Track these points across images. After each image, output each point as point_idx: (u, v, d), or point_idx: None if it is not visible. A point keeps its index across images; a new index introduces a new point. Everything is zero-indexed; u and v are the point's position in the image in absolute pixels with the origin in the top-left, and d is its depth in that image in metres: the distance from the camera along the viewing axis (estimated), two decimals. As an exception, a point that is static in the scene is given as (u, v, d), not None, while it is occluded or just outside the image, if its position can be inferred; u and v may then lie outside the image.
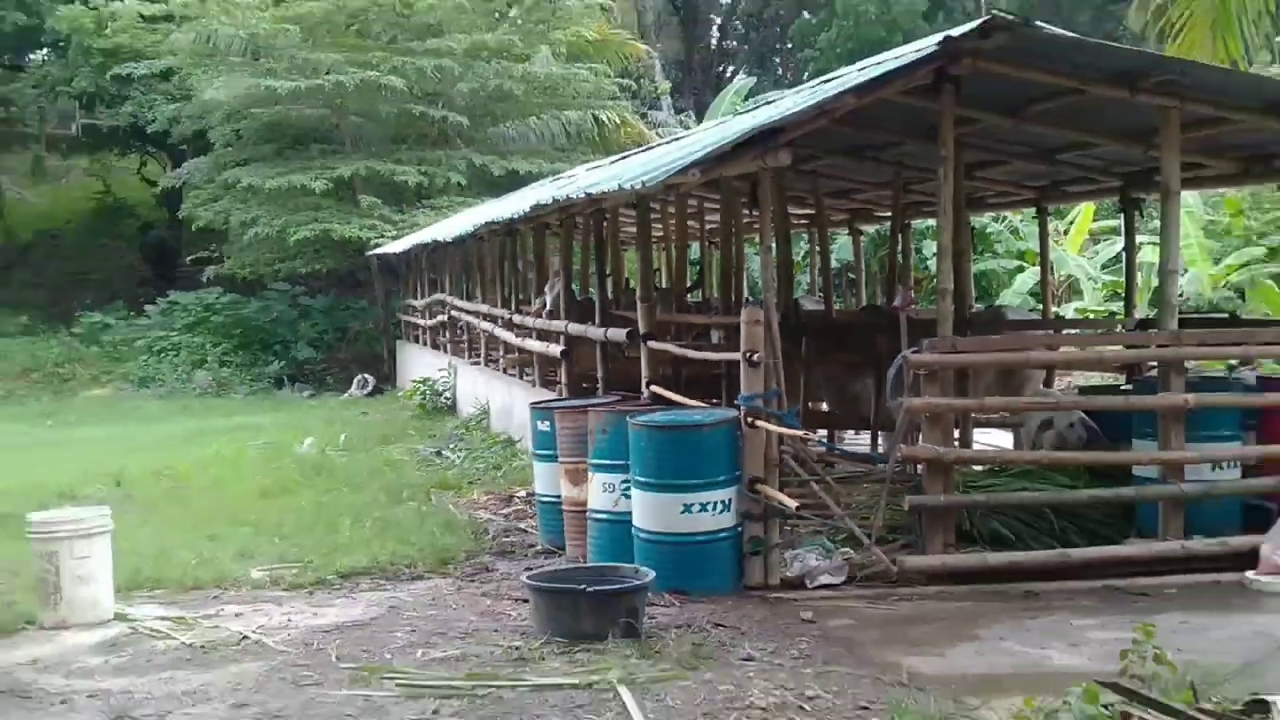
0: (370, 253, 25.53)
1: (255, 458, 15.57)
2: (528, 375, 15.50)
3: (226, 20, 26.95)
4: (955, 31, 8.20)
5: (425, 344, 23.80)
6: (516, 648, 7.12)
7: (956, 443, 9.79)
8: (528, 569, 8.74)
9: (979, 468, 9.64)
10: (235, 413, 22.56)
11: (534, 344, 14.80)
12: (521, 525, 10.86)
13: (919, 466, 8.68)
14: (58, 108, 37.18)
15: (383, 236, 25.04)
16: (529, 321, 15.15)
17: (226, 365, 27.52)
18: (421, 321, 24.25)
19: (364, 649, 7.28)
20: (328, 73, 25.75)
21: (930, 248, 18.12)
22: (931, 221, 14.15)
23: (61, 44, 33.41)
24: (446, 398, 19.95)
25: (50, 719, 6.26)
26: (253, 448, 16.48)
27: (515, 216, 14.78)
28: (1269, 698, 4.91)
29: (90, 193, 38.12)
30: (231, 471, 14.44)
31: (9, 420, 22.54)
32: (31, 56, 35.60)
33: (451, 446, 15.92)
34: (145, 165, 36.45)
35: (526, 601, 7.75)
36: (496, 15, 29.12)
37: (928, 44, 8.44)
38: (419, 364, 23.48)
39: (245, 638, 7.61)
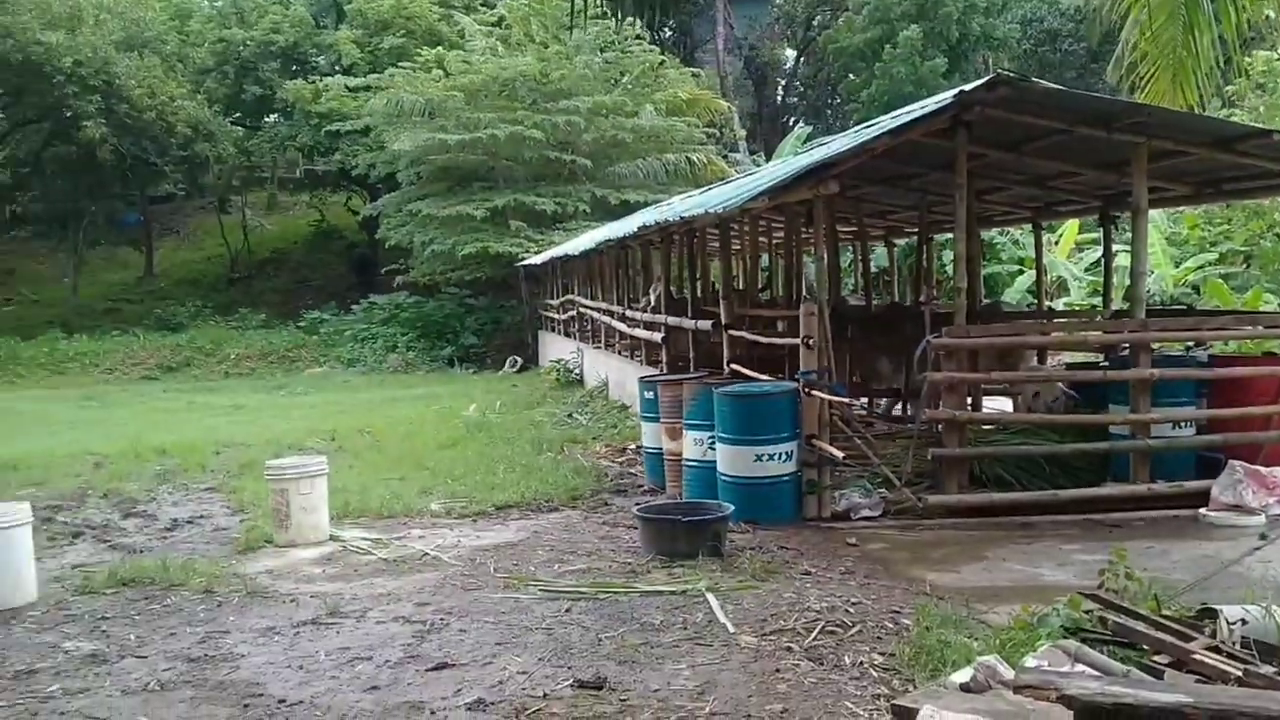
0: (518, 264, 25.68)
1: (432, 419, 15.74)
2: (636, 356, 15.49)
3: (410, 90, 27.22)
4: (968, 87, 8.03)
5: (559, 333, 23.88)
6: (629, 563, 7.15)
7: (969, 407, 9.63)
8: (637, 503, 8.75)
9: (987, 426, 9.48)
10: (417, 385, 22.84)
11: (641, 332, 14.78)
12: (632, 470, 10.86)
13: (939, 425, 8.55)
14: (286, 157, 37.89)
15: (527, 252, 25.13)
16: (637, 315, 15.13)
17: (411, 350, 27.81)
18: (556, 316, 24.33)
19: (514, 563, 7.35)
20: (485, 128, 25.90)
21: (948, 256, 17.80)
22: (949, 235, 13.87)
23: (288, 110, 34.06)
24: (575, 374, 20.00)
25: (283, 612, 6.41)
26: (431, 412, 16.68)
27: (626, 235, 14.78)
28: (1216, 607, 4.76)
29: (310, 221, 38.83)
30: (415, 429, 14.61)
31: (253, 390, 23.08)
32: (267, 119, 36.29)
33: (579, 411, 15.95)
34: (350, 199, 36.98)
35: (636, 528, 7.76)
36: (612, 82, 29.06)
37: (946, 97, 8.27)
38: (555, 348, 23.57)
39: (426, 554, 7.72)
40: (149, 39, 33.26)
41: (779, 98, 45.46)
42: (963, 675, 4.10)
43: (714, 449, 8.47)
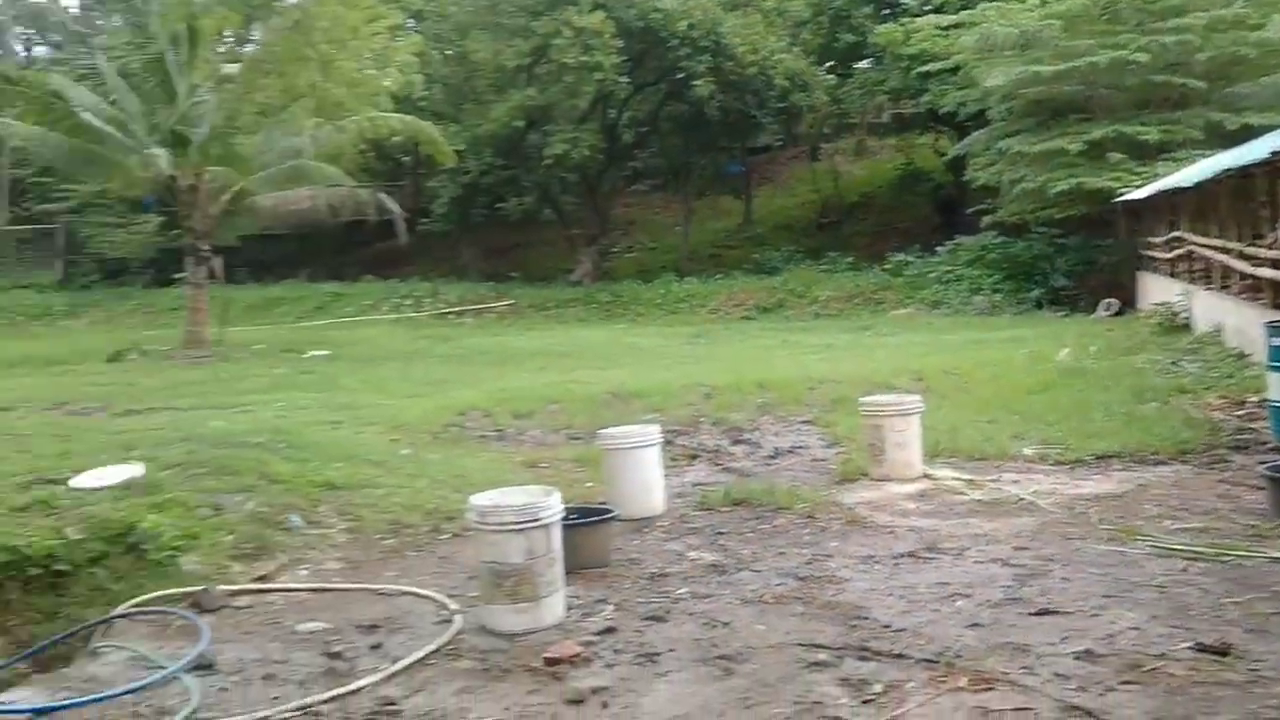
0: (1115, 199, 23.94)
1: (1021, 363, 15.15)
2: (1259, 299, 13.79)
3: (1003, 22, 26.35)
4: None
5: (1163, 273, 21.90)
6: (1253, 526, 6.50)
7: None
8: (1262, 462, 7.85)
9: None
10: (1003, 328, 22.14)
11: (1268, 272, 13.11)
12: (1253, 425, 9.73)
13: None
14: (874, 102, 38.41)
15: (1126, 186, 23.27)
16: (1263, 253, 13.46)
17: (997, 292, 27.07)
18: (1159, 255, 22.32)
19: (1117, 515, 6.98)
20: (1083, 56, 24.36)
21: None
22: None
23: (878, 55, 34.48)
24: (1183, 318, 18.29)
25: (881, 542, 6.66)
26: (1019, 355, 16.17)
27: (1252, 162, 13.18)
28: None
29: (896, 164, 39.10)
30: (1003, 372, 14.15)
31: (840, 331, 23.81)
32: (856, 65, 37.02)
33: (1186, 358, 14.55)
34: (938, 141, 36.67)
35: (1262, 489, 7.01)
36: (1236, -10, 25.87)
37: None
38: (1156, 290, 21.73)
39: (1020, 499, 7.59)
40: (750, -3, 35.26)
41: None
42: None
43: (1364, 406, 7.35)
